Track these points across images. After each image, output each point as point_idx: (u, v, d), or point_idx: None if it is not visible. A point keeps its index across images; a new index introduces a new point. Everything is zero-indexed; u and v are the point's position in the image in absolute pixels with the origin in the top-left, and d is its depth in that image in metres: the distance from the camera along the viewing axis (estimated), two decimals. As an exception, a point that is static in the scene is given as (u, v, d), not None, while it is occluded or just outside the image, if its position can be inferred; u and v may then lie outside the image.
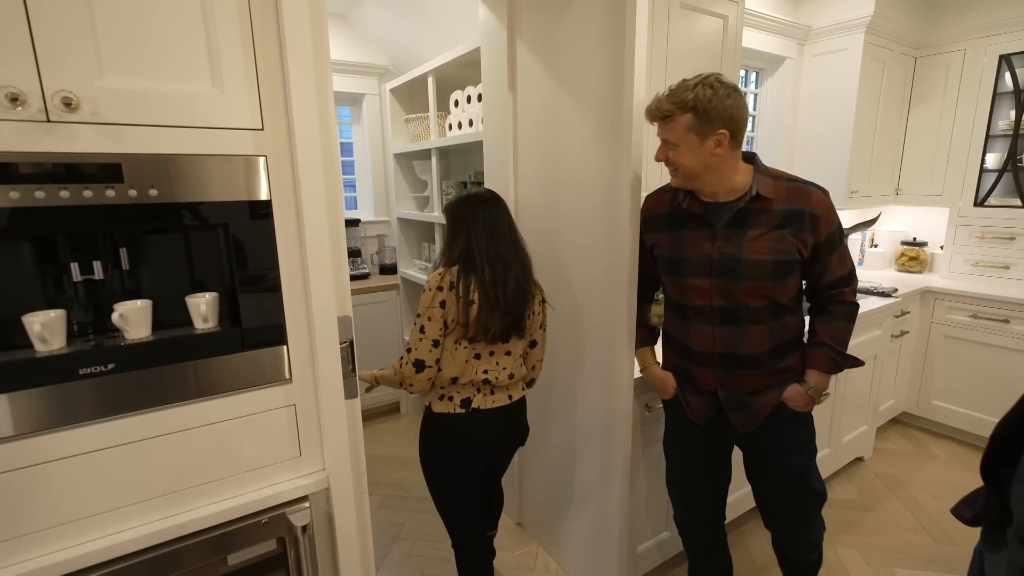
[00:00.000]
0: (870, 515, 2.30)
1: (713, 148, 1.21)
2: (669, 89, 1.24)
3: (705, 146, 1.21)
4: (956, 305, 2.78)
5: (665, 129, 1.25)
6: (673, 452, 1.57)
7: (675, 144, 1.24)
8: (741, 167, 1.28)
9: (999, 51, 2.66)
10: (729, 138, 1.21)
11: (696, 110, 1.19)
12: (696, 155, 1.23)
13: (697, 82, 1.21)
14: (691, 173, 1.26)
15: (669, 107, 1.21)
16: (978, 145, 2.79)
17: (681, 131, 1.21)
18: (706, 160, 1.23)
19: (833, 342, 1.32)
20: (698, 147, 1.22)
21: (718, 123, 1.19)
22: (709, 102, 1.18)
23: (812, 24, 2.69)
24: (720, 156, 1.23)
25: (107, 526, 0.91)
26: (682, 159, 1.24)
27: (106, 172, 0.83)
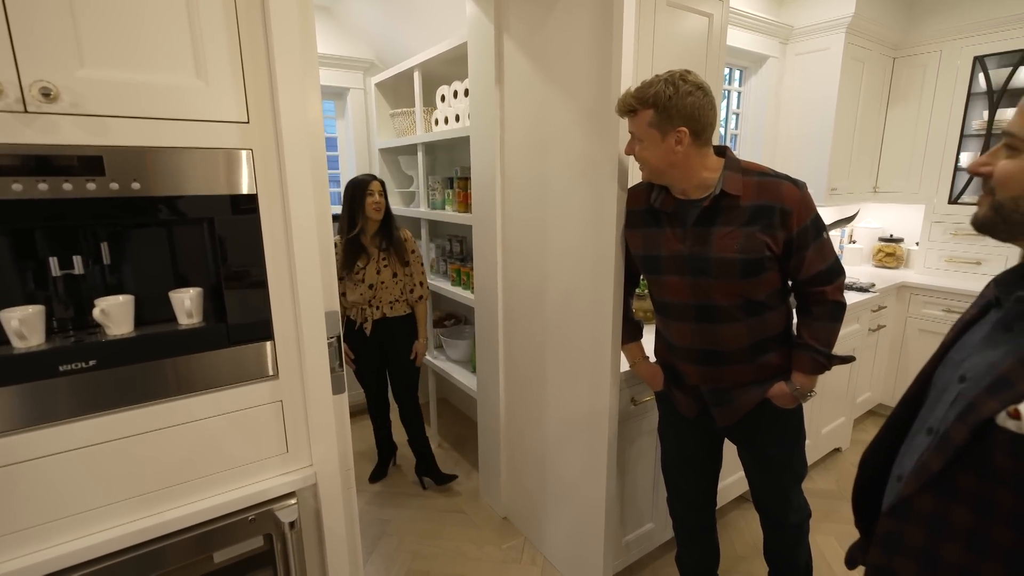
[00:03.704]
0: (847, 504, 2.35)
1: (673, 145, 1.22)
2: (627, 91, 1.26)
3: (666, 143, 1.22)
4: (930, 300, 2.86)
5: (631, 124, 1.27)
6: (667, 440, 1.60)
7: (640, 139, 1.25)
8: (711, 163, 1.28)
9: (973, 52, 2.73)
10: (690, 136, 1.21)
11: (657, 107, 1.20)
12: (658, 151, 1.24)
13: (662, 79, 1.21)
14: (655, 169, 1.27)
15: (632, 102, 1.23)
16: (953, 144, 2.86)
17: (644, 126, 1.22)
18: (668, 156, 1.24)
19: (817, 343, 1.33)
20: (659, 143, 1.23)
21: (678, 120, 1.20)
22: (669, 99, 1.19)
23: (794, 24, 2.73)
24: (682, 153, 1.23)
25: (89, 525, 0.89)
26: (645, 154, 1.26)
27: (87, 165, 0.81)
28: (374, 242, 2.22)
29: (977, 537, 0.57)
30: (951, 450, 0.59)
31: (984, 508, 0.57)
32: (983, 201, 0.65)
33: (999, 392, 0.56)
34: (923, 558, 0.61)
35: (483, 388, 2.25)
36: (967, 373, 0.62)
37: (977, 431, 0.56)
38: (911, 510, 0.63)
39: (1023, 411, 0.53)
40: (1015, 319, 0.60)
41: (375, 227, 2.21)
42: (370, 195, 2.14)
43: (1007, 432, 0.54)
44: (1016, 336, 0.59)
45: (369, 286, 2.21)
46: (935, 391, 0.69)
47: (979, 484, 0.57)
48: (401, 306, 2.30)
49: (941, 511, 0.60)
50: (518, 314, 1.99)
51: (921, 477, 0.62)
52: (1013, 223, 0.61)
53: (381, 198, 2.17)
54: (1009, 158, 0.60)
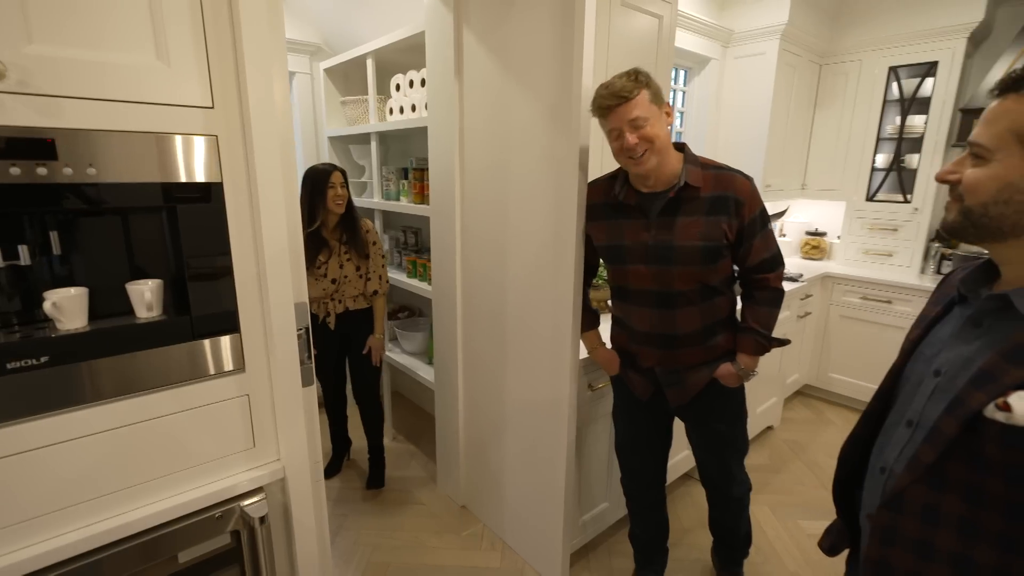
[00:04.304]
0: (779, 476, 2.56)
1: (668, 121, 1.32)
2: (605, 84, 1.29)
3: (663, 119, 1.31)
4: (849, 288, 3.14)
5: (628, 108, 1.25)
6: (620, 422, 1.69)
7: (644, 118, 1.26)
8: (674, 153, 1.37)
9: (888, 63, 2.99)
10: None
11: (650, 87, 1.27)
12: (662, 126, 1.30)
13: (627, 71, 1.29)
14: (663, 145, 1.30)
15: (631, 85, 1.25)
16: (870, 146, 3.14)
17: (646, 104, 1.26)
18: (668, 134, 1.32)
19: (759, 327, 1.45)
20: (660, 118, 1.30)
21: (664, 99, 1.32)
22: (653, 82, 1.29)
23: (734, 28, 2.89)
24: (669, 131, 1.33)
25: (43, 531, 0.84)
26: (656, 130, 1.28)
27: (37, 148, 0.76)
28: (335, 235, 2.14)
29: (968, 524, 0.61)
30: (943, 443, 0.62)
31: (974, 496, 0.61)
32: (951, 207, 0.68)
33: (984, 385, 0.60)
34: (918, 548, 0.65)
35: (441, 379, 2.26)
36: (942, 367, 0.67)
37: (967, 424, 0.60)
38: (904, 502, 0.67)
39: (1012, 403, 0.57)
40: (984, 315, 0.66)
41: (336, 219, 2.12)
42: (331, 187, 2.04)
43: (996, 424, 0.57)
44: (986, 331, 0.64)
45: (332, 280, 2.14)
46: (909, 385, 0.74)
47: (969, 474, 0.61)
48: (364, 300, 2.24)
49: (933, 501, 0.64)
50: (477, 305, 2.01)
51: (915, 471, 0.65)
52: (982, 227, 0.64)
53: (343, 190, 2.08)
54: (976, 166, 0.64)
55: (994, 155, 0.61)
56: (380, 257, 2.24)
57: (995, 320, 0.64)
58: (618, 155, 1.34)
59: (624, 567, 1.96)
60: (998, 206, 0.61)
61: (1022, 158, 0.59)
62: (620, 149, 1.31)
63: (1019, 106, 0.59)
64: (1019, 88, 0.60)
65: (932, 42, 2.83)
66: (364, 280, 2.20)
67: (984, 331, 0.65)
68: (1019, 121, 0.59)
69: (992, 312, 0.65)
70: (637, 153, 1.28)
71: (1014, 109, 0.60)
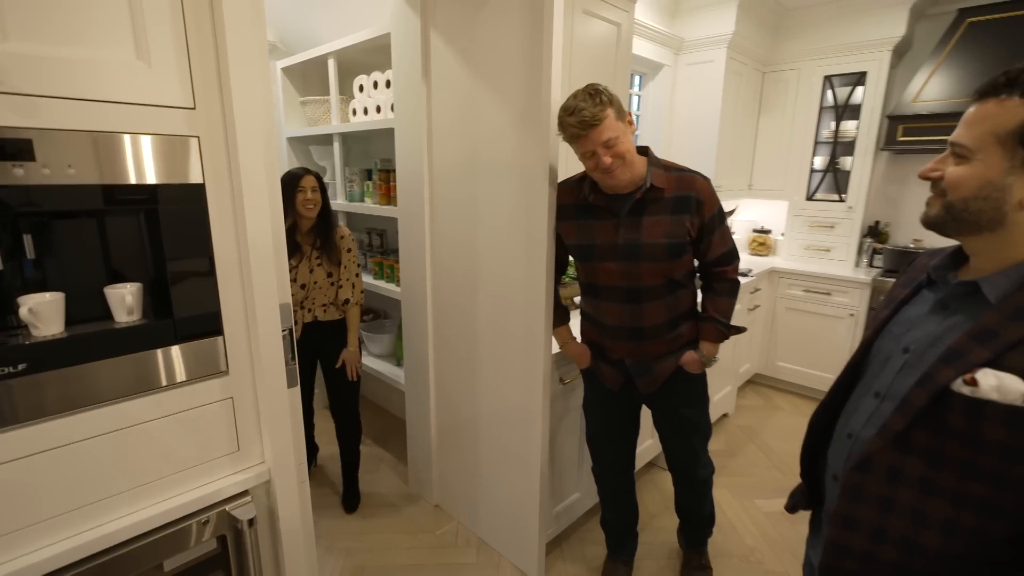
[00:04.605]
0: (735, 460, 2.72)
1: (630, 130, 1.39)
2: (569, 109, 1.33)
3: (628, 131, 1.38)
4: (793, 282, 3.36)
5: (599, 133, 1.31)
6: (592, 413, 1.76)
7: (616, 136, 1.33)
8: (639, 157, 1.45)
9: (823, 72, 3.22)
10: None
11: (612, 104, 1.34)
12: (629, 138, 1.38)
13: (587, 89, 1.34)
14: (633, 159, 1.38)
15: (598, 110, 1.30)
16: (808, 149, 3.37)
17: (613, 124, 1.33)
18: (632, 142, 1.39)
19: (719, 316, 1.56)
20: (627, 132, 1.37)
21: (623, 109, 1.38)
22: (614, 97, 1.35)
23: (685, 36, 3.03)
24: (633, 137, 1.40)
25: (22, 545, 0.81)
26: (627, 146, 1.36)
27: (14, 148, 0.73)
28: (308, 239, 2.06)
29: (927, 483, 0.69)
30: (912, 412, 0.68)
31: (934, 459, 0.68)
32: (934, 203, 0.73)
33: (952, 362, 0.66)
34: (882, 503, 0.73)
35: (411, 380, 2.27)
36: (910, 345, 0.75)
37: (935, 396, 0.66)
38: (872, 464, 0.73)
39: (979, 379, 0.63)
40: (952, 299, 0.73)
41: (309, 224, 2.04)
42: (300, 191, 1.96)
43: (962, 397, 0.64)
44: (952, 313, 0.72)
45: (301, 286, 2.04)
46: (878, 360, 0.80)
47: (932, 439, 0.68)
48: (335, 310, 2.13)
49: (897, 463, 0.71)
50: (448, 304, 2.03)
51: (885, 437, 0.72)
52: (961, 221, 0.70)
53: (315, 194, 1.99)
54: (957, 164, 0.69)
55: (975, 155, 0.67)
56: (355, 265, 2.14)
57: (962, 304, 0.72)
58: (593, 172, 1.41)
59: (596, 554, 2.03)
60: (978, 202, 0.67)
61: (1001, 158, 0.65)
62: (596, 167, 1.38)
63: (999, 110, 0.65)
64: (998, 93, 0.66)
65: (861, 54, 3.07)
66: (336, 288, 2.11)
67: (951, 313, 0.73)
68: (999, 124, 0.65)
69: (960, 297, 0.73)
70: (613, 169, 1.36)
71: (995, 113, 0.66)
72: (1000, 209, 0.67)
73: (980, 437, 0.64)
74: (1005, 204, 0.66)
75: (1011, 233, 0.67)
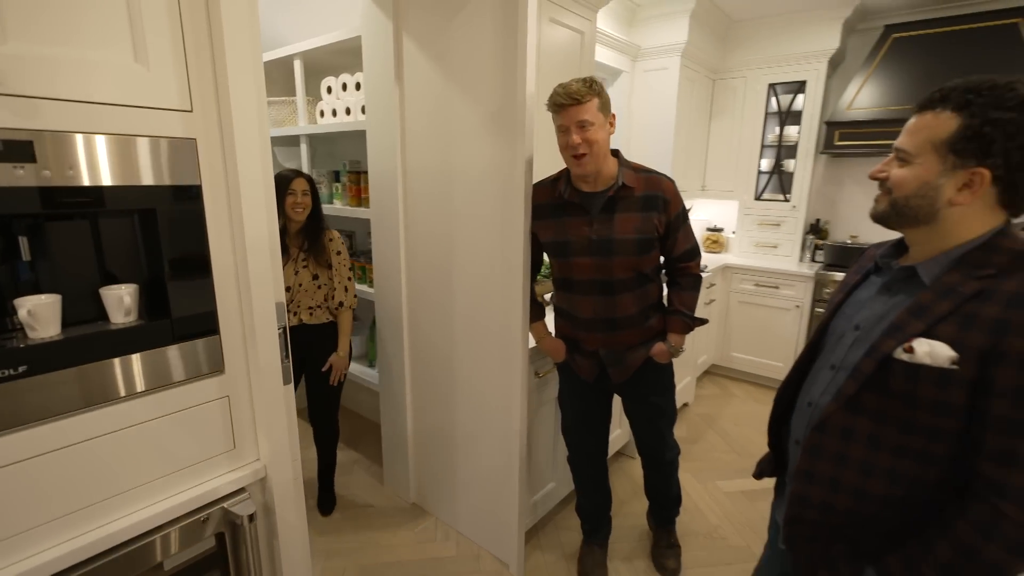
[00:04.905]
0: (696, 446, 2.87)
1: (610, 130, 1.48)
2: (563, 84, 1.44)
3: (606, 127, 1.47)
4: (745, 277, 3.57)
5: (578, 111, 1.41)
6: (567, 404, 1.84)
7: (591, 123, 1.42)
8: (611, 158, 1.55)
9: (768, 80, 3.45)
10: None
11: (600, 95, 1.43)
12: (604, 132, 1.46)
13: (585, 77, 1.45)
14: (602, 150, 1.46)
15: (585, 90, 1.40)
16: (756, 152, 3.59)
17: (594, 111, 1.42)
18: (608, 140, 1.48)
19: (684, 308, 1.67)
20: (604, 126, 1.46)
21: (610, 109, 1.48)
22: (604, 92, 1.45)
23: (642, 44, 3.18)
24: (610, 139, 1.49)
25: (25, 548, 0.81)
26: (599, 135, 1.44)
27: (14, 149, 0.73)
28: (296, 241, 2.02)
29: (874, 438, 0.80)
30: (862, 378, 0.80)
31: (880, 417, 0.79)
32: (881, 200, 0.84)
33: (894, 334, 0.77)
34: (837, 459, 0.84)
35: (386, 380, 2.28)
36: (860, 323, 0.86)
37: (881, 364, 0.77)
38: (828, 425, 0.84)
39: (915, 347, 0.74)
40: (894, 282, 0.86)
41: (298, 226, 2.01)
42: (291, 194, 1.92)
43: (902, 362, 0.75)
44: (895, 294, 0.84)
45: (286, 288, 1.96)
46: (833, 337, 0.92)
47: (878, 401, 0.79)
48: (322, 313, 2.09)
49: (849, 423, 0.82)
50: (424, 304, 2.07)
51: (839, 400, 0.83)
52: (903, 215, 0.81)
53: (305, 197, 1.96)
54: (900, 167, 0.80)
55: (915, 159, 0.79)
56: (347, 269, 2.11)
57: (903, 285, 0.84)
58: (563, 150, 1.50)
59: (572, 540, 2.11)
60: (916, 199, 0.79)
61: (936, 162, 0.77)
62: (565, 145, 1.47)
63: (935, 121, 0.77)
64: (934, 107, 0.78)
65: (801, 64, 3.31)
66: (323, 291, 2.07)
67: (894, 294, 0.85)
68: (934, 133, 0.76)
69: (901, 280, 0.85)
70: (579, 152, 1.44)
71: (931, 123, 0.77)
72: (934, 205, 0.79)
73: (917, 396, 0.75)
74: (938, 201, 0.78)
75: (942, 226, 0.79)
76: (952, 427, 0.74)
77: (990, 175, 0.74)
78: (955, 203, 0.77)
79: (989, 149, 0.73)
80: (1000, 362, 0.69)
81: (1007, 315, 0.69)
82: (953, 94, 0.76)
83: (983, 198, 0.76)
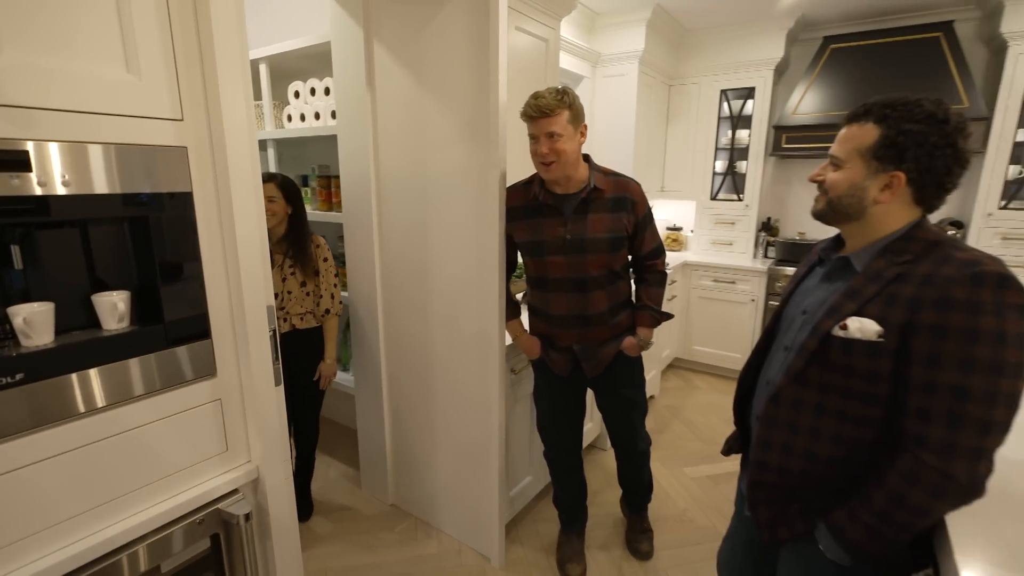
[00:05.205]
0: (663, 435, 3.00)
1: (580, 140, 1.57)
2: (536, 94, 1.52)
3: (576, 138, 1.55)
4: (703, 273, 3.75)
5: (548, 123, 1.50)
6: (542, 400, 1.91)
7: (559, 134, 1.51)
8: (582, 163, 1.64)
9: (720, 87, 3.64)
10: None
11: (572, 108, 1.52)
12: (573, 143, 1.55)
13: (561, 89, 1.54)
14: (570, 160, 1.55)
15: (555, 103, 1.50)
16: (711, 155, 3.78)
17: (563, 123, 1.51)
18: (577, 149, 1.57)
19: (652, 303, 1.78)
20: (574, 137, 1.55)
21: (582, 120, 1.57)
22: (576, 103, 1.54)
23: (602, 51, 3.30)
24: (580, 148, 1.58)
25: (24, 555, 0.81)
26: (567, 147, 1.53)
27: (11, 159, 0.74)
28: (280, 248, 1.98)
29: (819, 407, 0.91)
30: (807, 355, 0.90)
31: (824, 388, 0.90)
32: (820, 200, 0.96)
33: (833, 315, 0.88)
34: (788, 427, 0.94)
35: (362, 383, 2.30)
36: (807, 308, 0.98)
37: (822, 341, 0.88)
38: (781, 398, 0.95)
39: (849, 324, 0.85)
40: (833, 271, 0.97)
41: (278, 233, 1.96)
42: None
43: (839, 338, 0.86)
44: (834, 281, 0.95)
45: (274, 295, 1.97)
46: (786, 322, 1.04)
47: (821, 373, 0.90)
48: (311, 319, 2.08)
49: (798, 395, 0.93)
50: (399, 306, 2.10)
51: (789, 375, 0.94)
52: (838, 213, 0.93)
53: (272, 204, 1.88)
54: (834, 171, 0.93)
55: (845, 164, 0.91)
56: (333, 276, 2.09)
57: (840, 273, 0.96)
58: (533, 156, 1.58)
59: (550, 532, 2.18)
60: (847, 199, 0.91)
61: (862, 167, 0.89)
62: (535, 152, 1.57)
63: (860, 132, 0.89)
64: (859, 119, 0.90)
65: (749, 71, 3.51)
66: (312, 298, 2.06)
67: (833, 281, 0.97)
68: (860, 142, 0.88)
69: (839, 269, 0.97)
70: (547, 161, 1.54)
71: (857, 134, 0.90)
72: (862, 204, 0.91)
73: (852, 367, 0.87)
74: (865, 200, 0.90)
75: (869, 221, 0.92)
76: (882, 392, 0.85)
77: (905, 177, 0.86)
78: (879, 201, 0.89)
79: (903, 155, 0.85)
80: (915, 333, 0.80)
81: (920, 293, 0.81)
82: (874, 108, 0.88)
83: (901, 197, 0.88)
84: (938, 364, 0.78)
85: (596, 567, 2.01)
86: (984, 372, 0.74)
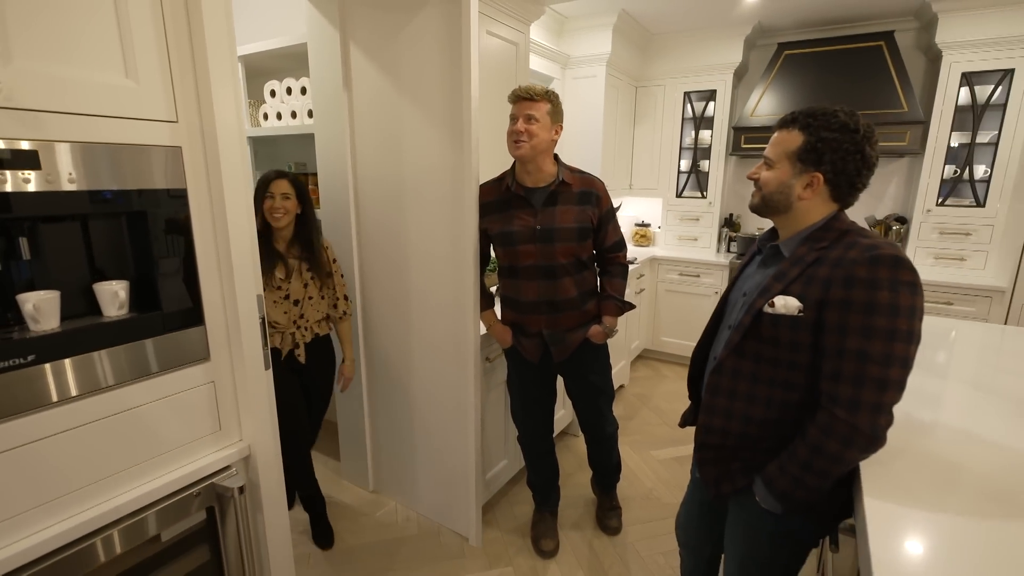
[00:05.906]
0: (632, 422, 3.15)
1: (553, 135, 1.70)
2: (530, 85, 1.69)
3: (550, 131, 1.69)
4: (670, 267, 3.92)
5: (529, 105, 1.66)
6: (515, 387, 2.02)
7: (536, 119, 1.65)
8: (551, 160, 1.77)
9: (683, 89, 3.81)
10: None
11: (553, 104, 1.68)
12: (546, 134, 1.68)
13: (550, 88, 1.71)
14: (538, 145, 1.67)
15: (541, 93, 1.66)
16: (676, 154, 3.95)
17: (543, 112, 1.66)
18: (547, 141, 1.70)
19: (616, 294, 1.91)
20: (548, 128, 1.69)
21: (559, 120, 1.72)
22: (559, 103, 1.71)
23: (571, 53, 3.42)
24: (552, 144, 1.72)
25: (26, 527, 0.87)
26: (540, 133, 1.66)
27: (23, 159, 0.81)
28: (291, 251, 1.88)
29: (753, 375, 1.04)
30: (743, 330, 1.03)
31: (757, 358, 1.03)
32: (755, 195, 1.09)
33: (764, 295, 1.01)
34: (728, 393, 1.09)
35: (342, 374, 2.37)
36: (746, 291, 1.11)
37: (755, 317, 1.01)
38: (723, 368, 1.09)
39: (776, 302, 0.98)
40: (768, 258, 1.11)
41: (287, 233, 1.87)
42: (269, 197, 1.77)
43: (768, 314, 0.99)
44: (768, 267, 1.09)
45: (295, 302, 1.88)
46: (730, 306, 1.17)
47: (755, 345, 1.03)
48: (326, 324, 2.04)
49: (736, 365, 1.06)
50: (377, 298, 2.18)
51: (728, 347, 1.07)
52: (770, 207, 1.06)
53: (285, 201, 1.79)
54: (767, 171, 1.06)
55: (776, 164, 1.05)
56: (340, 277, 2.05)
57: (773, 259, 1.10)
58: (509, 135, 1.71)
59: (524, 513, 2.30)
60: (777, 195, 1.05)
61: (789, 167, 1.02)
62: (511, 131, 1.70)
63: (787, 137, 1.02)
64: (787, 126, 1.04)
65: (711, 75, 3.69)
66: (327, 301, 2.00)
67: (767, 267, 1.10)
68: (787, 146, 1.02)
69: (772, 255, 1.11)
70: (519, 139, 1.68)
71: (785, 139, 1.03)
72: (789, 199, 1.05)
73: (779, 338, 1.00)
74: (791, 196, 1.04)
75: (795, 214, 1.06)
76: (804, 360, 0.99)
77: (823, 177, 1.00)
78: (802, 198, 1.03)
79: (821, 159, 0.99)
80: (828, 307, 0.94)
81: (831, 274, 0.95)
82: (800, 117, 1.02)
83: (820, 194, 1.02)
84: (845, 332, 0.91)
85: (568, 543, 2.13)
86: (881, 338, 0.88)
